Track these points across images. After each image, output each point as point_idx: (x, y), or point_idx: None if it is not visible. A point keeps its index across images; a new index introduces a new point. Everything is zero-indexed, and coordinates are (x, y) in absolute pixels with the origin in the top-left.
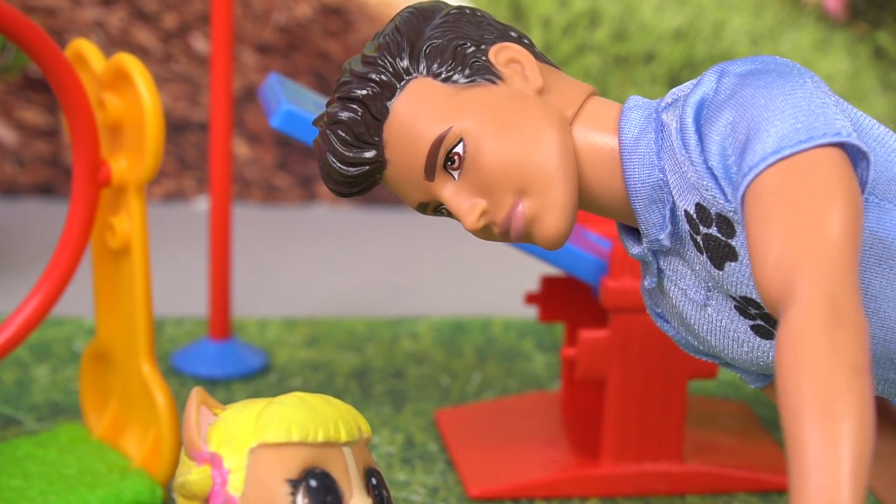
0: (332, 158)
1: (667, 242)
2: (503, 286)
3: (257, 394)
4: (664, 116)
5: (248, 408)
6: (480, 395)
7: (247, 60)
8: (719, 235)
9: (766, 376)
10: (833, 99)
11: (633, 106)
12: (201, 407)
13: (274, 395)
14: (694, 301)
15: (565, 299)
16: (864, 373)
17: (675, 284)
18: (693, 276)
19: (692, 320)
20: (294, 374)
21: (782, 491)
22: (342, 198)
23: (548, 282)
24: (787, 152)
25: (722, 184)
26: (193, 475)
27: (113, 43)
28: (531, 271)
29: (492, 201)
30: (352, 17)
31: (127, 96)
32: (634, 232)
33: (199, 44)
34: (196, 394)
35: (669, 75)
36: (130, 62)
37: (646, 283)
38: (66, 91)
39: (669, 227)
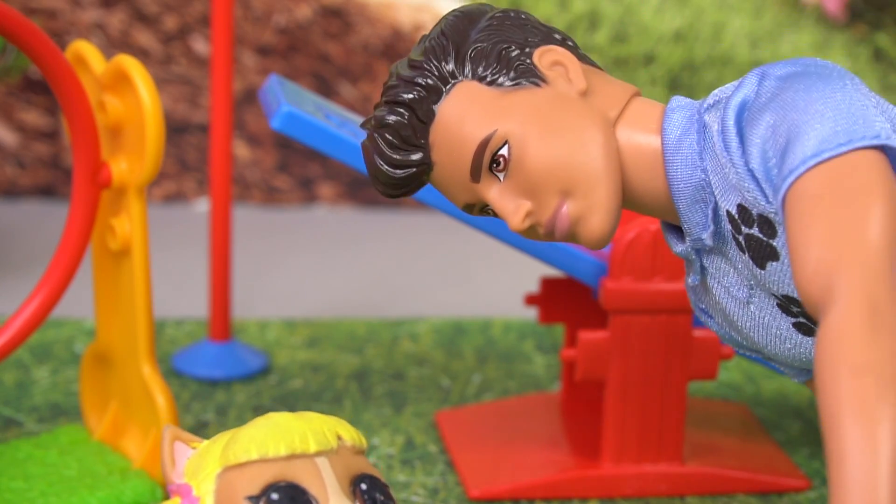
0: (379, 161)
1: (709, 242)
2: (503, 287)
3: (258, 395)
4: (706, 117)
5: (220, 438)
6: (480, 396)
7: (247, 62)
8: (761, 236)
9: (809, 371)
10: (874, 100)
11: (675, 107)
12: (176, 442)
13: (274, 396)
14: (737, 298)
15: (565, 301)
16: None
17: (719, 282)
18: (735, 275)
19: (735, 317)
20: (294, 375)
21: (782, 492)
22: (391, 198)
23: (548, 283)
24: (826, 155)
25: (763, 186)
26: None
27: (113, 45)
28: (531, 272)
29: (537, 202)
30: (352, 19)
31: (127, 98)
32: (678, 230)
33: (200, 45)
34: (168, 431)
35: (669, 77)
36: (131, 64)
37: (689, 280)
38: (67, 93)
39: (712, 227)
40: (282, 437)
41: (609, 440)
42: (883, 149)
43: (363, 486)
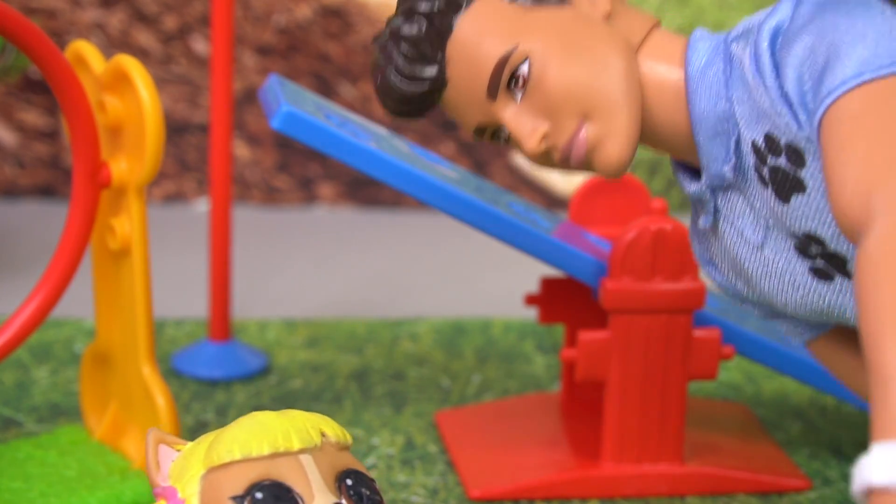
0: (392, 74)
1: (730, 175)
2: (503, 287)
3: (258, 395)
4: (733, 47)
5: (203, 439)
6: (480, 396)
7: (247, 62)
8: (788, 166)
9: (814, 327)
10: None
11: (699, 37)
12: (161, 445)
13: (274, 396)
14: (750, 242)
15: (565, 300)
16: None
17: (732, 224)
18: (752, 214)
19: (746, 263)
20: (294, 375)
21: (782, 492)
22: (399, 118)
23: (548, 283)
24: (867, 76)
25: (796, 110)
26: None
27: (113, 44)
28: (531, 272)
29: (554, 124)
30: (352, 19)
31: (127, 98)
32: (691, 170)
33: (200, 45)
34: (152, 434)
35: None
36: (130, 64)
37: (700, 222)
38: (66, 93)
39: (733, 160)
40: (264, 435)
41: (609, 440)
42: None
43: (349, 482)
